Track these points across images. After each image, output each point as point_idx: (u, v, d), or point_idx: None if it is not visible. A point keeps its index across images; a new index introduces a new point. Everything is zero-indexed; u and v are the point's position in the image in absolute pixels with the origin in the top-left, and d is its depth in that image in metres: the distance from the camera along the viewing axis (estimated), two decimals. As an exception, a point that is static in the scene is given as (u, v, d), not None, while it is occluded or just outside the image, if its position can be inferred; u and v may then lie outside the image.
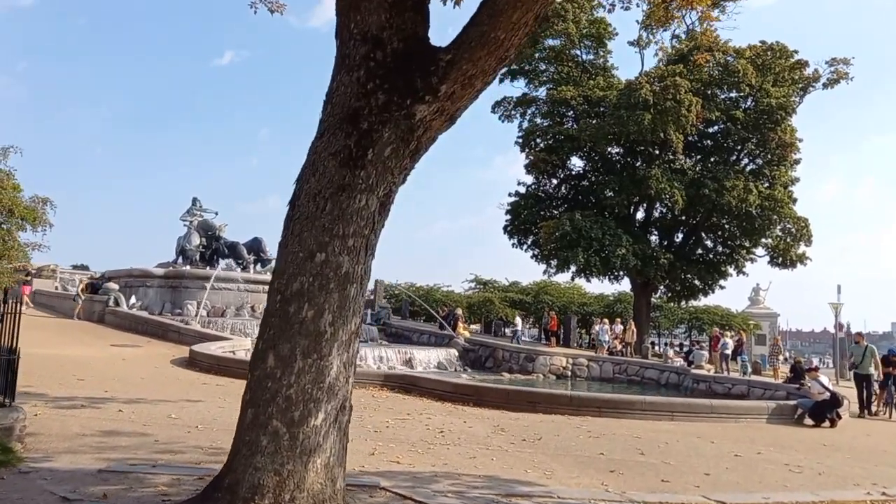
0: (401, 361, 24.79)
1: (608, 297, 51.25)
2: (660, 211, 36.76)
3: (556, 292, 51.12)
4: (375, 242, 5.38)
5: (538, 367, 25.57)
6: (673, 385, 23.95)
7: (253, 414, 4.91)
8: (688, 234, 36.76)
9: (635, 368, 25.51)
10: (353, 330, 5.17)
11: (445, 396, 12.60)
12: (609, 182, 34.03)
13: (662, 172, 32.10)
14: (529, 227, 36.76)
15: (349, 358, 5.16)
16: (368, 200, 5.14)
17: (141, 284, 29.70)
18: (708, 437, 11.28)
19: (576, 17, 36.53)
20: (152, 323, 22.44)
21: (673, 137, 30.75)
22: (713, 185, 31.91)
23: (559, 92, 35.04)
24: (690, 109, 30.15)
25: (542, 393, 12.25)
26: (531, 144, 36.39)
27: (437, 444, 8.97)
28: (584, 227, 31.32)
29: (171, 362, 15.76)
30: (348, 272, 5.06)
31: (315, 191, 5.09)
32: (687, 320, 53.53)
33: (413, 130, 5.29)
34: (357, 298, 5.18)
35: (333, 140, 5.18)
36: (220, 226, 32.66)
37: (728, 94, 35.00)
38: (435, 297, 45.92)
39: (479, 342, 28.21)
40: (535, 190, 37.71)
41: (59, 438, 7.82)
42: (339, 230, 5.02)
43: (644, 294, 36.46)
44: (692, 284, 36.89)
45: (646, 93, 30.29)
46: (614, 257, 31.35)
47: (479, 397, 12.29)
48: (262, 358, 5.00)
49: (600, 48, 38.42)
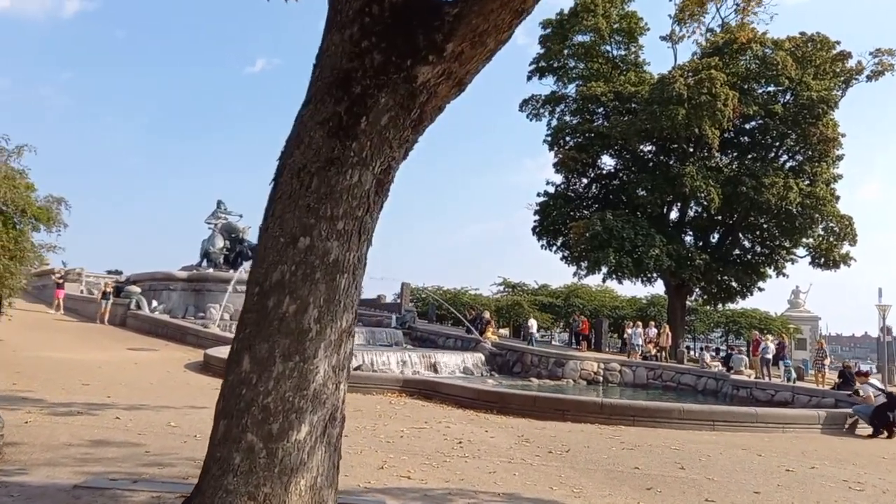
0: (425, 366, 24.01)
1: (641, 300, 50.02)
2: (695, 210, 35.52)
3: (587, 295, 50.04)
4: (371, 226, 4.61)
5: (568, 373, 24.58)
6: (711, 391, 22.80)
7: (225, 427, 4.18)
8: (724, 234, 35.43)
9: (670, 374, 24.39)
10: (345, 328, 4.42)
11: (467, 403, 11.80)
12: (641, 180, 32.89)
13: (697, 170, 30.92)
14: (559, 227, 35.79)
15: (340, 361, 4.41)
16: (362, 176, 4.39)
17: (164, 288, 29.44)
18: (754, 449, 10.31)
19: (606, 12, 35.57)
20: (172, 326, 22.02)
21: (708, 133, 29.56)
22: (751, 182, 30.63)
23: (589, 88, 34.07)
24: (727, 103, 28.96)
25: (571, 400, 11.38)
26: (560, 143, 35.44)
27: (455, 456, 8.17)
28: (616, 226, 30.29)
29: (185, 366, 15.22)
30: (337, 260, 4.30)
31: (299, 165, 4.34)
32: (723, 324, 52.00)
33: (415, 96, 4.53)
34: (349, 291, 4.43)
35: (321, 107, 4.43)
36: (243, 228, 32.28)
37: (766, 87, 33.69)
38: (462, 301, 45.12)
39: (506, 346, 27.31)
40: (564, 189, 36.75)
41: (42, 449, 7.20)
42: (327, 211, 4.27)
43: (678, 296, 35.21)
44: (729, 286, 35.56)
45: (679, 87, 29.18)
46: (647, 258, 30.24)
47: (503, 404, 11.48)
48: (236, 361, 4.28)
49: (631, 43, 37.39)
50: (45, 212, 15.65)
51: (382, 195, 4.69)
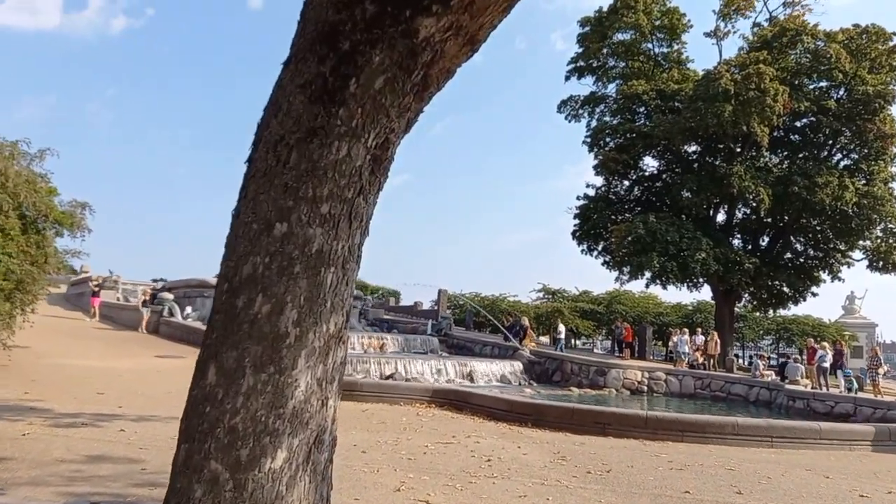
0: (460, 374, 23.21)
1: (686, 306, 48.56)
2: (743, 212, 34.00)
3: (630, 301, 48.71)
4: (366, 212, 3.83)
5: (610, 382, 23.50)
6: (764, 402, 21.49)
7: (186, 452, 3.44)
8: (775, 237, 33.81)
9: (720, 383, 23.12)
10: (333, 333, 3.65)
11: (500, 415, 10.97)
12: (686, 181, 31.54)
13: (745, 170, 29.49)
14: (600, 231, 34.65)
15: (327, 372, 3.64)
16: (351, 150, 3.62)
17: (198, 294, 29.24)
18: (819, 469, 9.24)
19: (646, 8, 34.39)
20: (201, 333, 21.56)
21: (757, 130, 28.14)
22: (803, 182, 29.09)
23: (630, 87, 32.92)
24: (776, 99, 27.53)
25: (613, 413, 10.45)
26: (600, 144, 34.34)
27: (481, 476, 7.35)
28: (660, 229, 29.06)
29: (209, 374, 14.71)
30: (322, 250, 3.54)
31: (276, 137, 3.60)
32: (774, 331, 50.09)
33: (416, 54, 3.74)
34: (338, 289, 3.66)
35: (303, 68, 3.68)
36: (278, 234, 31.98)
37: (818, 83, 32.08)
38: (501, 308, 44.24)
39: (545, 354, 26.33)
40: (605, 192, 35.59)
41: (31, 465, 6.62)
42: (308, 191, 3.52)
43: (726, 302, 33.68)
44: (780, 291, 33.90)
45: (726, 82, 27.86)
46: (693, 262, 28.91)
47: (539, 417, 10.61)
48: (201, 372, 3.54)
49: (674, 40, 36.11)
50: (68, 216, 15.33)
51: (380, 174, 3.91)
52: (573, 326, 46.88)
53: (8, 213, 13.61)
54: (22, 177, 14.25)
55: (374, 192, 3.88)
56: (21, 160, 15.12)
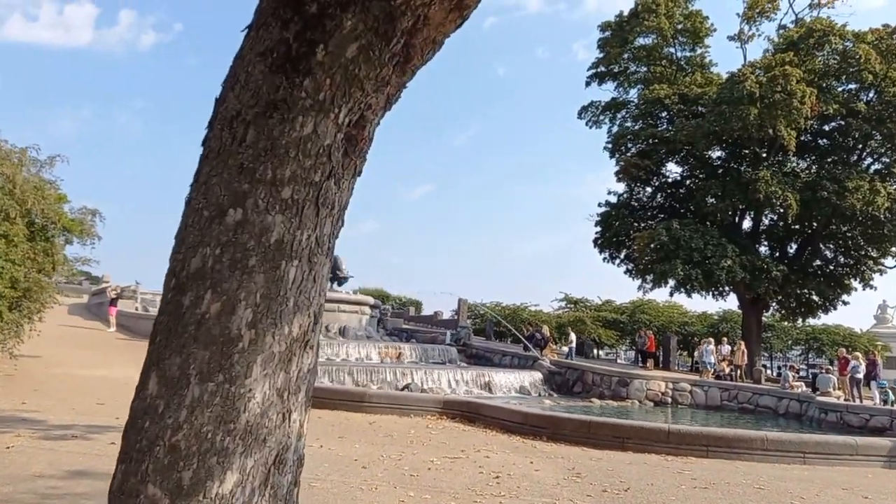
0: (478, 385, 22.64)
1: (712, 315, 47.44)
2: (770, 218, 33.09)
3: (654, 311, 47.74)
4: (339, 198, 3.34)
5: (633, 393, 22.76)
6: (794, 415, 20.63)
7: (122, 474, 2.98)
8: (803, 244, 32.82)
9: (747, 395, 22.28)
10: (297, 336, 3.16)
11: (514, 428, 10.42)
12: (710, 187, 30.70)
13: (772, 175, 28.61)
14: (622, 239, 33.97)
15: (290, 381, 3.15)
16: (319, 126, 3.14)
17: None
18: (857, 488, 8.56)
19: (668, 12, 33.75)
20: (216, 342, 21.35)
21: (784, 134, 27.32)
22: (832, 186, 28.17)
23: (651, 91, 32.28)
24: (804, 101, 26.72)
25: (633, 426, 9.84)
26: (621, 149, 33.67)
27: (487, 494, 6.82)
28: (683, 236, 28.31)
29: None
30: (282, 241, 3.06)
31: (233, 112, 3.14)
32: (803, 341, 48.77)
33: (394, 19, 3.27)
34: (304, 286, 3.17)
35: (265, 34, 3.22)
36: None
37: (846, 85, 31.16)
38: (522, 317, 43.61)
39: (566, 364, 25.65)
40: (627, 199, 34.87)
41: (5, 480, 6.23)
42: (267, 172, 3.05)
43: (753, 311, 32.72)
44: (809, 300, 32.89)
45: (751, 84, 27.11)
46: (718, 270, 28.08)
47: (554, 430, 10.04)
48: (142, 382, 3.09)
49: (697, 44, 35.43)
50: (78, 223, 15.10)
51: (355, 156, 3.43)
52: (596, 336, 46.08)
53: (15, 220, 13.39)
54: (30, 183, 14.06)
55: (348, 177, 3.39)
56: (31, 167, 14.95)
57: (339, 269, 32.08)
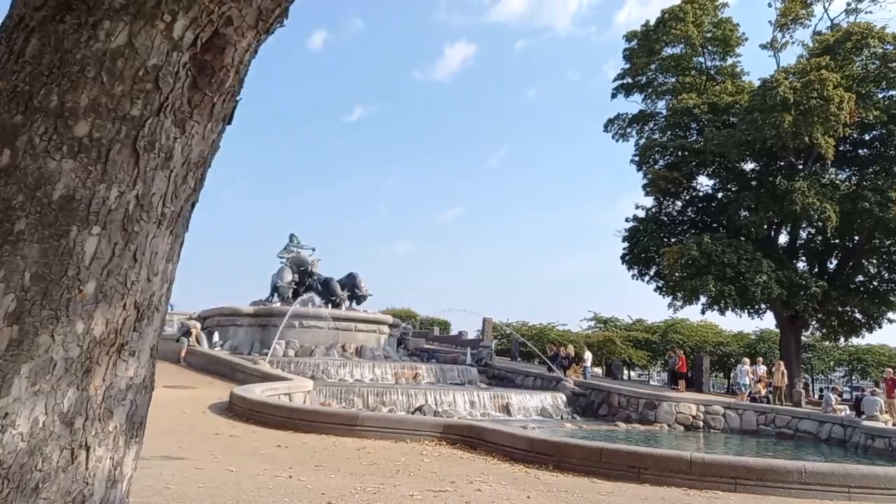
0: (496, 407, 21.50)
1: (749, 335, 45.54)
2: (808, 232, 31.51)
3: (687, 330, 46.05)
4: (184, 149, 2.38)
5: (662, 416, 21.39)
6: (837, 441, 19.07)
7: None
8: (844, 259, 31.10)
9: (786, 419, 20.74)
10: (100, 338, 2.16)
11: (518, 456, 9.34)
12: (743, 199, 29.21)
13: (809, 186, 27.11)
14: (651, 255, 32.56)
15: (87, 403, 2.14)
16: (137, 37, 2.19)
17: (231, 323, 28.46)
18: (913, 530, 7.30)
19: (697, 20, 32.64)
20: (223, 362, 20.62)
21: (821, 142, 25.88)
22: (875, 197, 26.58)
23: (680, 101, 31.07)
24: (841, 107, 25.28)
25: (650, 454, 8.67)
26: (649, 162, 32.43)
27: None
28: (715, 251, 26.90)
29: (210, 407, 13.46)
30: (72, 197, 2.07)
31: (15, 20, 2.25)
32: (846, 361, 46.55)
33: None
34: (114, 265, 2.17)
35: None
36: (312, 261, 31.07)
37: (887, 91, 29.61)
38: (550, 337, 42.33)
39: (591, 385, 24.34)
40: (656, 213, 33.55)
41: None
42: (51, 98, 2.10)
43: (792, 330, 31.02)
44: (851, 318, 31.15)
45: (784, 90, 25.78)
46: (753, 286, 26.59)
47: (561, 458, 8.94)
48: None
49: (727, 53, 34.19)
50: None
51: (211, 91, 2.45)
52: (626, 357, 44.51)
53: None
54: None
55: (201, 120, 2.39)
56: None
57: (357, 286, 31.24)
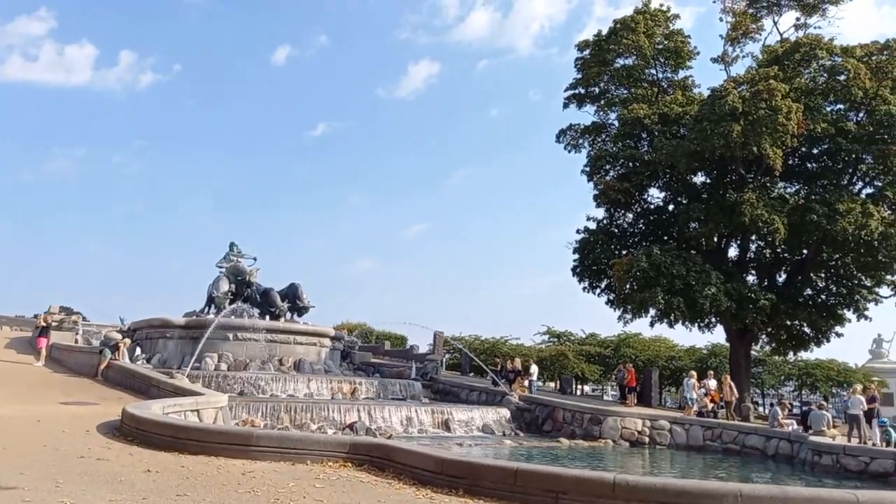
0: (436, 423, 20.45)
1: (700, 349, 45.33)
2: (757, 245, 31.25)
3: (640, 345, 45.65)
4: None
5: (607, 432, 20.56)
6: (784, 457, 18.44)
7: None
8: (793, 272, 30.86)
9: (732, 434, 20.10)
10: None
11: (426, 478, 8.29)
12: (693, 211, 28.74)
13: (758, 197, 26.71)
14: (602, 267, 31.89)
15: None
16: None
17: (160, 336, 26.88)
18: (858, 563, 6.43)
19: (648, 31, 32.35)
20: (139, 377, 19.09)
21: (769, 153, 25.53)
22: (822, 209, 26.27)
23: (630, 111, 30.61)
24: (790, 118, 25.01)
25: (569, 476, 7.67)
26: (600, 172, 31.88)
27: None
28: (664, 262, 26.27)
29: (99, 426, 12.00)
30: None
31: None
32: (795, 376, 46.56)
33: None
34: None
35: None
36: (251, 271, 29.63)
37: (835, 105, 29.58)
38: (501, 351, 41.39)
39: (535, 400, 23.43)
40: (607, 225, 32.96)
41: None
42: None
43: (742, 344, 30.64)
44: (801, 332, 30.89)
45: (733, 100, 25.42)
46: (702, 298, 26.01)
47: (473, 481, 7.91)
48: None
49: (679, 66, 33.91)
50: None
51: None
52: (579, 371, 43.81)
53: None
54: None
55: None
56: None
57: (299, 298, 29.85)
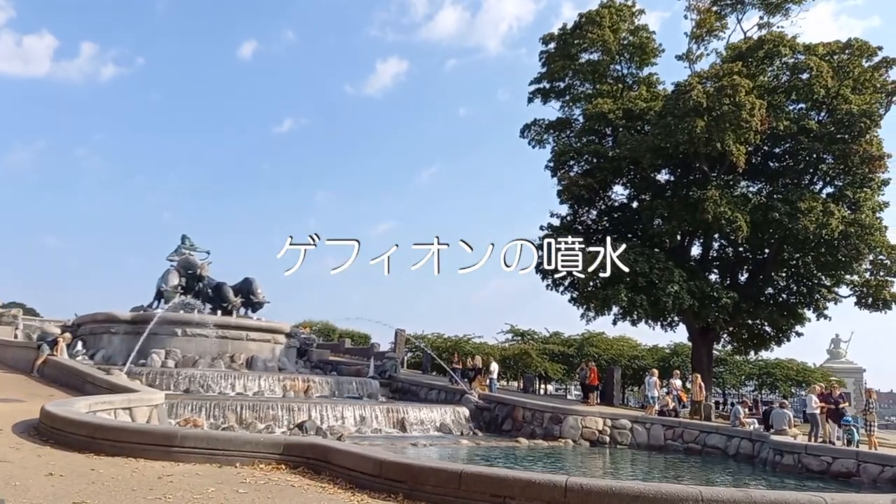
0: (390, 422, 19.71)
1: (663, 349, 45.35)
2: (720, 243, 31.09)
3: (604, 344, 45.50)
4: None
5: (567, 431, 20.04)
6: (745, 456, 18.11)
7: None
8: (754, 272, 30.76)
9: (694, 433, 19.74)
10: None
11: (365, 482, 7.58)
12: (657, 208, 28.43)
13: (721, 195, 26.49)
14: (566, 265, 31.40)
15: None
16: None
17: (105, 331, 25.66)
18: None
19: (614, 25, 31.98)
20: (75, 373, 18.02)
21: (732, 149, 25.30)
22: (784, 207, 26.16)
23: (595, 106, 30.20)
24: (753, 114, 24.79)
25: (517, 480, 7.00)
26: (564, 167, 31.40)
27: None
28: (627, 260, 25.88)
29: (16, 425, 11.01)
30: None
31: None
32: (756, 375, 46.88)
33: None
34: None
35: None
36: (202, 264, 28.49)
37: (797, 105, 29.54)
38: (465, 350, 40.74)
39: (495, 399, 22.83)
40: (570, 221, 32.46)
41: None
42: None
43: (704, 343, 30.47)
44: (761, 331, 30.81)
45: (697, 95, 25.12)
46: (664, 296, 25.72)
47: (414, 485, 7.21)
48: None
49: (644, 63, 33.62)
50: None
51: None
52: (542, 370, 43.40)
53: None
54: None
55: None
56: None
57: (253, 293, 28.79)
